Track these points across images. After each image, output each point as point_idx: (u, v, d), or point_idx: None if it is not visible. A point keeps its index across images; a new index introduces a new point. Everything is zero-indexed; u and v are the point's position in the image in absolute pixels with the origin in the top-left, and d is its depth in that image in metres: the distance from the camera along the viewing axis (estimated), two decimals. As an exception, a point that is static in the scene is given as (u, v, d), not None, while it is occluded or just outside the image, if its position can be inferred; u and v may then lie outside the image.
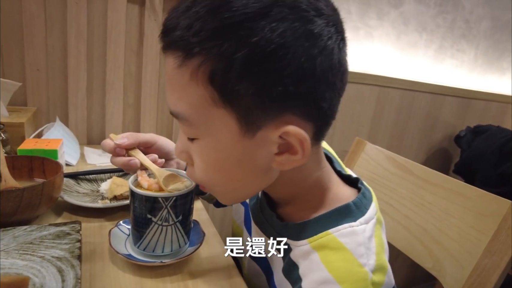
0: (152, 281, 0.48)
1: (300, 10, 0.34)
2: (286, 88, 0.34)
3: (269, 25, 0.32)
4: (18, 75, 0.90)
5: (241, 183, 0.43)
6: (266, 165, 0.40)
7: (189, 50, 0.34)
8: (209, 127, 0.38)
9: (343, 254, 0.39)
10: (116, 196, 0.66)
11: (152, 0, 0.97)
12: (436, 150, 1.80)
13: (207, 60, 0.34)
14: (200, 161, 0.42)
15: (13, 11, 0.86)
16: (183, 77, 0.36)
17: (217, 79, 0.34)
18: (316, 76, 0.35)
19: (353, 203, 0.42)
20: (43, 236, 0.50)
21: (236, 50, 0.32)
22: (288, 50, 0.33)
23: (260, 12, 0.32)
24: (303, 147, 0.37)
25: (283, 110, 0.36)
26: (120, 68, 0.99)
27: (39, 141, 0.74)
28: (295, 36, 0.33)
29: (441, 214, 0.72)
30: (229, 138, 0.38)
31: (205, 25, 0.33)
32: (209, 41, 0.33)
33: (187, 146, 0.43)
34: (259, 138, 0.37)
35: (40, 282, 0.42)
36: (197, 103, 0.36)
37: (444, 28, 1.62)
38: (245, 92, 0.34)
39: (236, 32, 0.32)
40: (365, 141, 0.94)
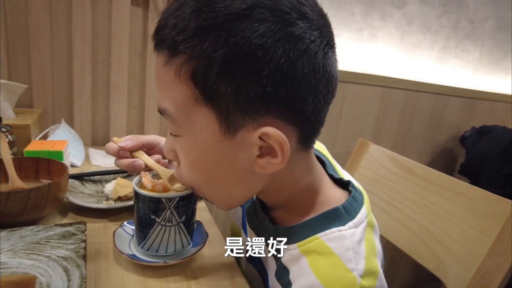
0: (155, 281, 0.48)
1: (282, 13, 0.34)
2: (264, 89, 0.34)
3: (249, 26, 0.33)
4: (24, 77, 0.92)
5: (226, 185, 0.43)
6: (249, 168, 0.40)
7: (174, 49, 0.35)
8: (191, 125, 0.39)
9: (330, 259, 0.39)
10: (120, 197, 0.66)
11: (155, 2, 0.98)
12: (441, 151, 1.79)
13: (190, 59, 0.35)
14: (184, 160, 0.42)
15: (20, 15, 0.88)
16: (168, 75, 0.37)
17: (198, 77, 0.35)
18: (297, 79, 0.35)
19: (342, 206, 0.42)
20: (49, 236, 0.51)
21: (216, 49, 0.33)
22: (267, 51, 0.33)
23: (241, 13, 0.33)
24: (282, 150, 0.37)
25: (262, 112, 0.36)
26: (124, 70, 1.00)
27: (45, 142, 0.75)
28: (275, 38, 0.33)
29: (444, 215, 0.72)
30: (210, 137, 0.38)
31: (189, 25, 0.34)
32: (192, 40, 0.34)
33: (174, 145, 0.43)
34: (239, 139, 0.38)
35: (46, 281, 0.43)
36: (181, 101, 0.37)
37: (448, 29, 1.61)
38: (224, 92, 0.35)
39: (217, 32, 0.33)
40: (369, 142, 0.94)
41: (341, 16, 1.35)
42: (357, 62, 1.45)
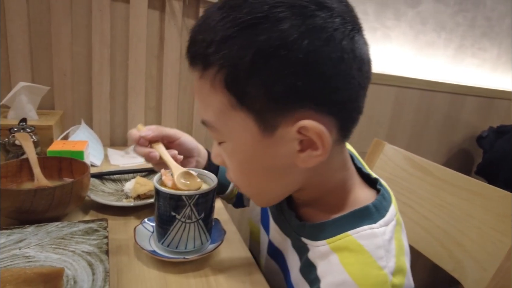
0: (175, 276, 0.50)
1: (300, 7, 0.34)
2: (294, 84, 0.35)
3: (271, 27, 0.34)
4: (46, 80, 0.95)
5: (270, 182, 0.44)
6: (291, 164, 0.40)
7: (206, 62, 0.37)
8: (231, 130, 0.40)
9: (362, 257, 0.39)
10: (139, 195, 0.68)
11: (172, 5, 1.00)
12: (457, 151, 1.76)
13: (221, 68, 0.36)
14: (229, 163, 0.44)
15: (43, 20, 0.91)
16: (205, 87, 0.39)
17: (230, 84, 0.37)
18: (325, 69, 0.35)
19: (373, 205, 0.42)
20: (73, 232, 0.53)
21: (242, 54, 0.35)
22: (291, 47, 0.34)
23: (261, 16, 0.34)
24: (322, 141, 0.37)
25: (297, 106, 0.36)
26: (141, 72, 1.02)
27: (66, 142, 0.78)
28: (297, 33, 0.34)
29: (461, 216, 0.71)
30: (250, 139, 0.39)
31: (215, 37, 0.36)
32: (219, 50, 0.36)
33: (221, 150, 0.45)
34: (278, 136, 0.38)
35: (72, 274, 0.45)
36: (219, 109, 0.39)
37: (464, 27, 1.59)
38: (257, 93, 0.36)
39: (242, 37, 0.35)
40: (384, 142, 0.93)
41: (355, 16, 1.34)
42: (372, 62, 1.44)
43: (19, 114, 0.84)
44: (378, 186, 0.46)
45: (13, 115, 0.84)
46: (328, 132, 0.37)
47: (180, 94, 1.10)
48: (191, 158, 0.66)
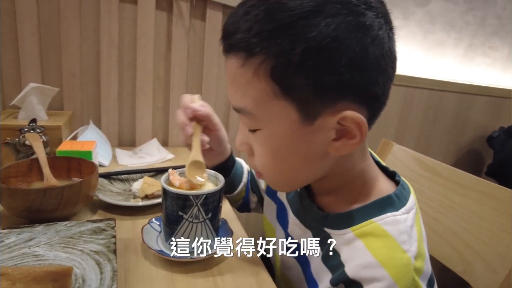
0: (182, 276, 0.50)
1: (352, 5, 0.36)
2: (342, 77, 0.36)
3: (324, 21, 0.35)
4: (56, 81, 0.96)
5: (299, 169, 0.45)
6: (323, 151, 0.42)
7: (251, 50, 0.37)
8: (270, 118, 0.41)
9: (387, 241, 0.41)
10: (147, 195, 0.69)
11: (179, 6, 1.01)
12: (467, 152, 1.74)
13: (268, 58, 0.37)
14: (261, 149, 0.44)
15: (52, 23, 0.92)
16: (246, 75, 0.39)
17: (277, 74, 0.37)
18: (370, 64, 0.38)
19: (395, 194, 0.44)
20: (82, 232, 0.53)
21: (294, 46, 0.35)
22: (343, 42, 0.35)
23: (314, 10, 0.35)
24: (360, 130, 0.39)
25: (340, 98, 0.38)
26: (149, 73, 1.03)
27: (75, 143, 0.79)
28: (349, 29, 0.36)
29: (471, 217, 0.70)
30: (289, 127, 0.40)
31: (265, 26, 0.36)
32: (269, 40, 0.36)
33: (247, 138, 0.46)
34: (318, 125, 0.40)
35: (81, 273, 0.45)
36: (260, 97, 0.40)
37: (475, 26, 1.57)
38: (304, 84, 0.37)
39: (293, 30, 0.35)
40: (392, 142, 0.93)
41: (363, 16, 1.33)
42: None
43: (29, 114, 0.85)
44: (397, 178, 0.48)
45: (23, 116, 0.86)
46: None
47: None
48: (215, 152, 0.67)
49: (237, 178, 0.72)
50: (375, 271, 0.39)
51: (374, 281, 0.39)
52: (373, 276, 0.39)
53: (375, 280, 0.39)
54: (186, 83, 1.09)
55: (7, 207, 0.57)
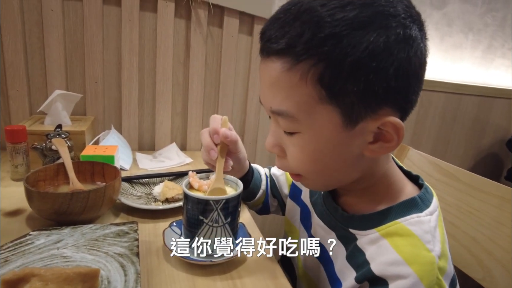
0: (203, 279, 0.51)
1: (400, 18, 0.38)
2: (388, 85, 0.38)
3: (374, 32, 0.37)
4: (79, 87, 1.00)
5: (333, 171, 0.46)
6: (358, 154, 0.44)
7: (299, 56, 0.38)
8: (312, 121, 0.42)
9: (411, 239, 0.42)
10: (168, 199, 0.70)
11: (197, 14, 1.03)
12: (485, 156, 1.70)
13: (318, 63, 0.38)
14: (298, 152, 0.45)
15: (77, 32, 0.96)
16: (292, 79, 0.40)
17: (326, 79, 0.38)
18: (411, 74, 0.40)
19: (419, 196, 0.46)
20: (106, 234, 0.55)
21: (346, 55, 0.36)
22: (392, 53, 0.37)
23: (366, 21, 0.37)
24: (398, 134, 0.41)
25: (383, 104, 0.40)
26: (168, 79, 1.06)
27: (97, 147, 0.81)
28: (397, 41, 0.37)
29: (491, 223, 0.69)
30: (331, 131, 0.41)
31: (317, 33, 0.37)
32: (321, 47, 0.37)
33: (280, 140, 0.47)
34: (358, 129, 0.41)
35: (106, 275, 0.47)
36: (304, 101, 0.40)
37: (494, 27, 1.54)
38: (352, 90, 0.38)
39: (346, 38, 0.36)
40: (408, 147, 0.92)
41: (378, 20, 1.33)
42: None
43: (54, 120, 0.88)
44: (420, 182, 0.50)
45: (49, 122, 0.89)
46: None
47: (205, 100, 1.13)
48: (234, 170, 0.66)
49: (256, 187, 0.73)
50: (400, 269, 0.40)
51: (399, 278, 0.40)
52: (398, 274, 0.40)
53: (400, 277, 0.40)
54: (204, 89, 1.11)
55: (37, 210, 0.59)
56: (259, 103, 0.48)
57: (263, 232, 0.66)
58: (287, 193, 0.70)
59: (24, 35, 0.92)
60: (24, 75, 0.93)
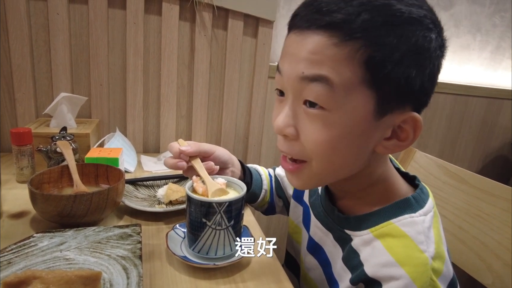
0: (206, 282, 0.51)
1: (438, 26, 0.41)
2: (422, 84, 0.40)
3: (423, 31, 0.39)
4: (84, 90, 1.00)
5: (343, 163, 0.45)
6: (372, 148, 0.44)
7: (352, 33, 0.38)
8: (347, 101, 0.40)
9: (404, 241, 0.42)
10: (171, 201, 0.70)
11: (202, 17, 1.03)
12: (494, 158, 1.68)
13: (369, 46, 0.38)
14: (317, 134, 0.42)
15: (82, 35, 0.97)
16: (338, 53, 0.39)
17: (374, 63, 0.38)
18: (436, 78, 0.43)
19: (413, 197, 0.46)
20: (109, 237, 0.55)
21: (398, 43, 0.38)
22: (431, 54, 0.40)
23: (418, 19, 0.39)
24: (415, 132, 0.42)
25: (410, 101, 0.42)
26: (173, 82, 1.06)
27: (102, 150, 0.81)
28: (436, 45, 0.40)
29: (501, 227, 0.68)
30: (361, 117, 0.41)
31: (374, 18, 0.38)
32: (375, 31, 0.38)
33: (296, 120, 0.43)
34: (384, 121, 0.42)
35: (108, 277, 0.47)
36: (347, 77, 0.39)
37: (502, 28, 1.52)
38: (395, 80, 0.39)
39: (400, 30, 0.38)
40: (415, 149, 0.91)
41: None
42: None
43: (60, 122, 0.89)
44: (416, 182, 0.50)
45: (54, 124, 0.90)
46: None
47: (210, 102, 1.13)
48: (226, 169, 0.68)
49: (258, 188, 0.73)
50: (393, 270, 0.40)
51: (392, 280, 0.40)
52: (391, 275, 0.40)
53: (393, 279, 0.40)
54: (209, 91, 1.11)
55: (41, 212, 0.60)
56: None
57: (268, 235, 0.65)
58: (291, 193, 0.70)
59: (31, 39, 0.93)
60: (31, 78, 0.94)
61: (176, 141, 0.62)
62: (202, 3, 1.01)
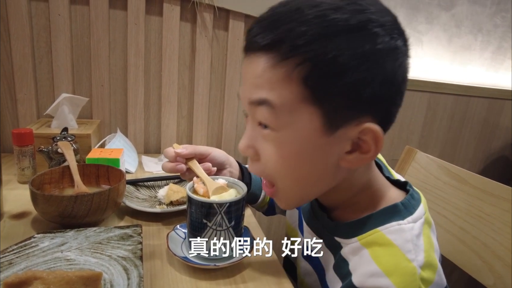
0: (206, 283, 0.51)
1: (389, 29, 0.38)
2: (373, 92, 0.38)
3: (364, 38, 0.37)
4: (85, 91, 1.01)
5: (307, 180, 0.44)
6: (335, 164, 0.42)
7: (286, 53, 0.37)
8: (293, 121, 0.40)
9: (391, 250, 0.40)
10: (172, 202, 0.70)
11: (203, 17, 1.03)
12: (495, 159, 1.67)
13: (304, 62, 0.37)
14: (274, 153, 0.43)
15: (84, 36, 0.97)
16: (276, 75, 0.39)
17: (312, 80, 0.37)
18: (396, 85, 0.40)
19: (401, 203, 0.44)
20: (110, 237, 0.55)
21: (335, 56, 0.36)
22: (379, 60, 0.38)
23: (357, 26, 0.36)
24: (376, 144, 0.40)
25: (365, 112, 0.39)
26: (174, 83, 1.06)
27: (103, 150, 0.82)
28: (385, 49, 0.38)
29: (502, 227, 0.68)
30: (309, 134, 0.40)
31: (306, 32, 0.36)
32: (308, 46, 0.36)
33: (255, 141, 0.44)
34: (337, 136, 0.40)
35: (109, 278, 0.47)
36: (288, 98, 0.39)
37: (504, 28, 1.52)
38: (337, 93, 0.38)
39: (336, 40, 0.36)
40: (416, 150, 0.91)
41: (385, 22, 1.32)
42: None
43: (61, 123, 0.89)
44: (407, 187, 0.48)
45: (55, 125, 0.90)
46: None
47: (211, 103, 1.13)
48: (224, 170, 0.68)
49: (258, 189, 0.73)
50: (380, 280, 0.39)
51: None
52: (378, 285, 0.39)
53: None
54: (210, 92, 1.11)
55: (42, 212, 0.60)
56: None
57: (269, 236, 0.65)
58: None
59: (32, 40, 0.93)
60: (32, 79, 0.94)
61: (175, 143, 0.63)
62: (203, 4, 1.01)
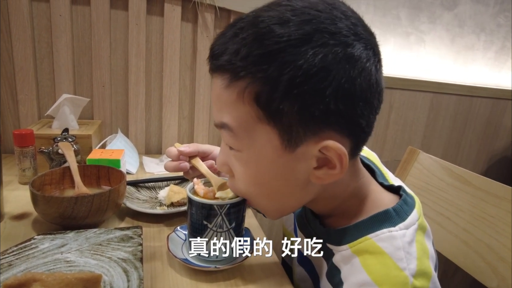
0: (207, 285, 0.50)
1: (341, 36, 0.36)
2: (327, 106, 0.36)
3: (311, 50, 0.35)
4: (86, 91, 1.01)
5: (281, 196, 0.45)
6: (305, 179, 0.42)
7: (236, 73, 0.37)
8: (252, 141, 0.40)
9: (381, 258, 0.39)
10: (173, 203, 0.70)
11: (204, 18, 1.03)
12: (498, 160, 1.66)
13: (253, 82, 0.37)
14: (241, 172, 0.44)
15: (85, 36, 0.97)
16: (230, 96, 0.39)
17: (262, 99, 0.37)
18: (356, 96, 0.37)
19: (393, 209, 0.43)
20: (110, 239, 0.55)
21: (280, 73, 0.35)
22: (330, 72, 0.35)
23: (303, 39, 0.35)
24: (341, 161, 0.39)
25: (323, 127, 0.38)
26: (175, 83, 1.06)
27: (104, 151, 0.81)
28: (336, 60, 0.35)
29: (506, 229, 0.67)
30: (270, 153, 0.40)
31: (252, 51, 0.36)
32: (255, 65, 0.36)
33: (228, 159, 0.46)
34: (300, 153, 0.39)
35: (109, 280, 0.46)
36: (243, 119, 0.39)
37: (507, 27, 1.51)
38: (289, 111, 0.37)
39: (281, 57, 0.35)
40: (418, 150, 0.90)
41: (387, 21, 1.31)
42: (404, 68, 1.40)
43: (62, 124, 0.89)
44: (401, 192, 0.46)
45: (56, 125, 0.90)
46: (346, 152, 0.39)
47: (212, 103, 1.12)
48: None
49: None
50: None
51: None
52: None
53: None
54: (211, 93, 1.11)
55: (42, 214, 0.59)
56: None
57: (270, 237, 0.64)
58: None
59: (34, 40, 0.93)
60: (33, 80, 0.94)
61: (176, 143, 0.63)
62: (204, 4, 1.01)
